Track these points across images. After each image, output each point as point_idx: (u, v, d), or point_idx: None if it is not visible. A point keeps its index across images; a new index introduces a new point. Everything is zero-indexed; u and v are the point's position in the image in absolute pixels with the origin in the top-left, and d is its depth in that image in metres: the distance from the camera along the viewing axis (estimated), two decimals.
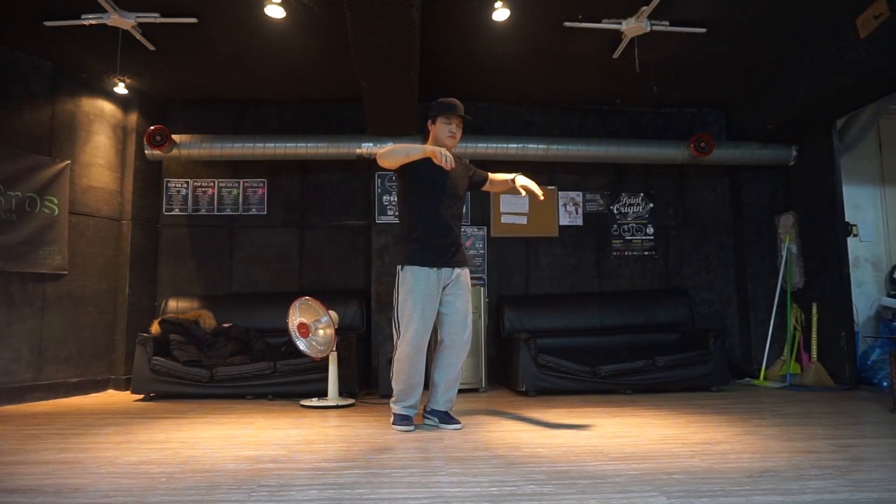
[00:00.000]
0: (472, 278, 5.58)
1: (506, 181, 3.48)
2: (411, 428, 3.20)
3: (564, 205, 5.83)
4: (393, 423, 3.26)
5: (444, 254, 3.23)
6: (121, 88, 4.96)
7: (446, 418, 3.28)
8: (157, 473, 2.28)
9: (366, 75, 4.32)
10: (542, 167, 5.75)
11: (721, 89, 5.49)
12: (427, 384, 3.30)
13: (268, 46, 4.57)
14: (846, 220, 5.14)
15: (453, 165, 3.02)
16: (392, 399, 3.31)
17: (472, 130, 5.55)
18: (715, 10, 4.11)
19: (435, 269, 3.19)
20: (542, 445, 2.77)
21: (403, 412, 3.26)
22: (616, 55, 4.62)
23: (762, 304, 5.63)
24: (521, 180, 3.36)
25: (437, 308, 3.22)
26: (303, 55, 4.73)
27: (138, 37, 4.28)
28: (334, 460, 2.50)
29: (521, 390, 4.62)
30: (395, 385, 3.26)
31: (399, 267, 3.24)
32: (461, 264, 3.30)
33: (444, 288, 3.23)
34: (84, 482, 2.17)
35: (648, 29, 4.20)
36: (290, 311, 4.16)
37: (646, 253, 5.83)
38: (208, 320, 4.89)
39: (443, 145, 3.23)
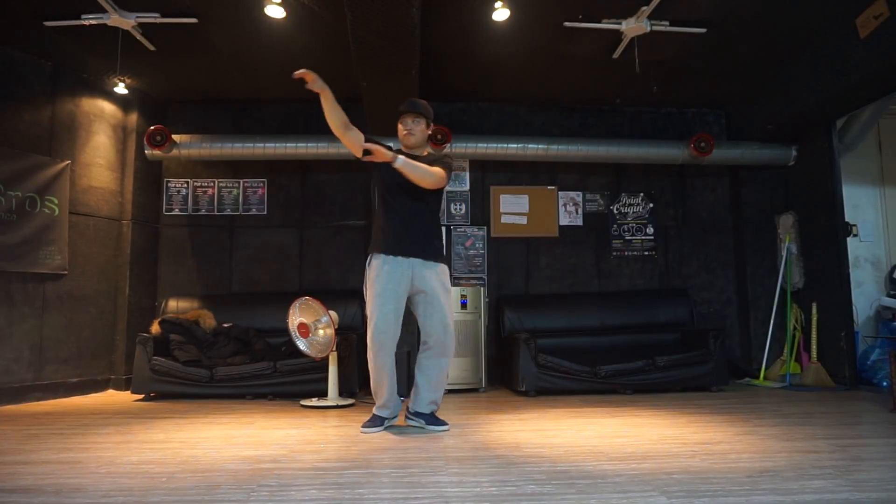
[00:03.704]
0: (472, 278, 5.67)
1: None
2: (378, 429, 3.13)
3: (564, 205, 5.83)
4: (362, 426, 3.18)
5: (409, 245, 3.10)
6: (121, 88, 4.96)
7: (431, 420, 3.21)
8: (157, 473, 2.28)
9: (366, 75, 4.33)
10: (542, 167, 5.76)
11: (721, 89, 5.49)
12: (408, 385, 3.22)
13: (268, 46, 4.57)
14: (846, 220, 5.14)
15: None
16: None
17: (472, 130, 5.57)
18: (715, 10, 4.11)
19: (401, 257, 3.07)
20: (542, 445, 2.77)
21: (375, 412, 3.20)
22: (616, 55, 4.62)
23: (762, 304, 5.63)
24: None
25: (403, 301, 3.10)
26: (303, 55, 4.71)
27: (138, 37, 4.28)
28: (334, 460, 2.50)
29: (521, 390, 4.63)
30: (371, 383, 3.19)
31: (367, 261, 3.17)
32: (432, 258, 3.15)
33: (416, 284, 3.11)
34: (84, 482, 2.17)
35: (648, 29, 4.20)
36: (290, 311, 4.16)
37: (646, 253, 5.83)
38: (208, 320, 4.89)
39: (404, 146, 3.27)
